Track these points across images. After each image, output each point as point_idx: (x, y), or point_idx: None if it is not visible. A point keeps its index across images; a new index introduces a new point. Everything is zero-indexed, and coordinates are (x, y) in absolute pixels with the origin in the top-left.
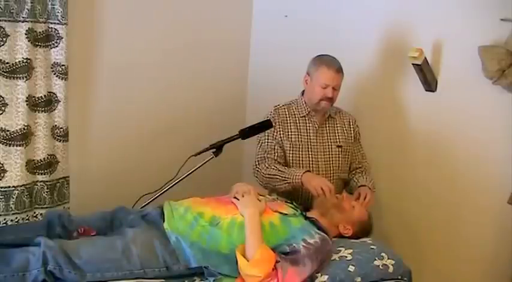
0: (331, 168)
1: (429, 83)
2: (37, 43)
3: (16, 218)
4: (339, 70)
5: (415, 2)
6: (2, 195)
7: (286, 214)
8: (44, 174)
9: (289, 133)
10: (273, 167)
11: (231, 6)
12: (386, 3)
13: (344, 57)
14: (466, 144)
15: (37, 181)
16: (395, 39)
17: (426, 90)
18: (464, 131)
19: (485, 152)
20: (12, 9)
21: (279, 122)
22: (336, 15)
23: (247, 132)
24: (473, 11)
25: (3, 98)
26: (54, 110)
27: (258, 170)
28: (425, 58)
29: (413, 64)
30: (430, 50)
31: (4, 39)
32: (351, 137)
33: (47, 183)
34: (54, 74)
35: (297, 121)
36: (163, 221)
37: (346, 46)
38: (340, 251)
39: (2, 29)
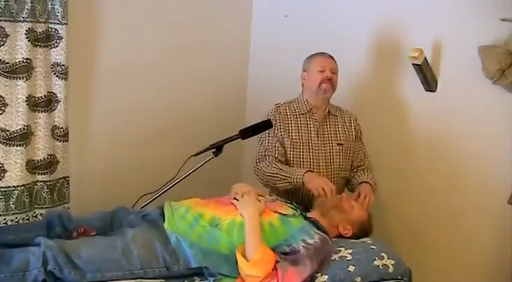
0: (332, 166)
1: (429, 83)
2: (37, 43)
3: (16, 218)
4: (332, 57)
5: (415, 2)
6: (2, 195)
7: (285, 214)
8: (44, 174)
9: (290, 131)
10: (273, 165)
11: (231, 6)
12: (386, 4)
13: (344, 57)
14: (466, 144)
15: (37, 181)
16: (395, 39)
17: (426, 90)
18: (464, 131)
19: (485, 152)
20: (12, 9)
21: (279, 119)
22: (335, 15)
23: (247, 132)
24: (473, 11)
25: (3, 98)
26: (54, 110)
27: (258, 168)
28: (425, 58)
29: (413, 64)
30: (430, 50)
31: (4, 39)
32: (352, 135)
33: (47, 183)
34: (54, 74)
35: (298, 119)
36: (164, 221)
37: (346, 46)
38: (340, 251)
39: (2, 29)
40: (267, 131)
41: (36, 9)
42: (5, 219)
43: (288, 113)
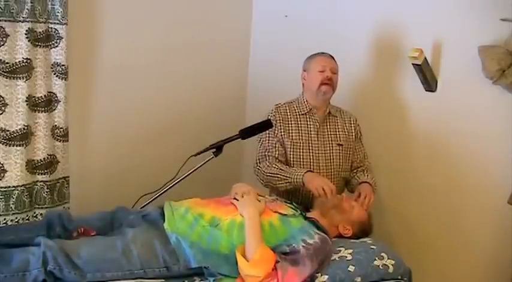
0: (332, 166)
1: (429, 83)
2: (37, 43)
3: (16, 218)
4: (332, 57)
5: (415, 2)
6: (2, 195)
7: (285, 215)
8: (44, 174)
9: (290, 131)
10: (274, 165)
11: (231, 6)
12: (387, 4)
13: (344, 57)
14: (466, 144)
15: (37, 181)
16: (395, 39)
17: (426, 90)
18: (464, 131)
19: (485, 152)
20: (12, 9)
21: (280, 120)
22: (335, 15)
23: (247, 132)
24: (473, 11)
25: (3, 98)
26: (54, 110)
27: (259, 169)
28: (425, 58)
29: (413, 64)
30: (430, 50)
31: (4, 39)
32: (352, 135)
33: (47, 183)
34: (54, 74)
35: (298, 119)
36: (164, 221)
37: (346, 46)
38: (340, 251)
39: (2, 29)
40: (267, 131)
41: (36, 9)
42: (5, 219)
43: (288, 113)
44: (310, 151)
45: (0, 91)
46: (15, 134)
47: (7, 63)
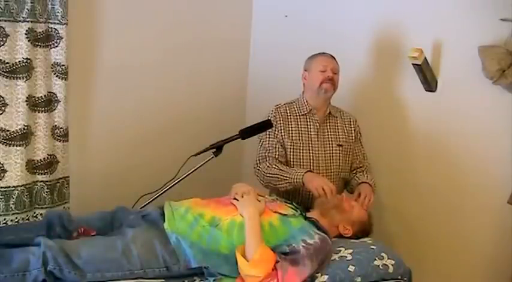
0: (331, 167)
1: (429, 83)
2: (37, 43)
3: (16, 218)
4: (333, 57)
5: (415, 2)
6: (2, 195)
7: (285, 215)
8: (44, 174)
9: (290, 131)
10: (274, 166)
11: (231, 5)
12: (387, 4)
13: (344, 57)
14: (466, 144)
15: (37, 181)
16: (395, 40)
17: (426, 90)
18: (464, 131)
19: (485, 152)
20: (12, 9)
21: (280, 120)
22: (335, 15)
23: (247, 132)
24: (473, 11)
25: (3, 98)
26: (54, 110)
27: (259, 169)
28: (425, 58)
29: (413, 64)
30: (430, 50)
31: (4, 39)
32: (352, 136)
33: (47, 183)
34: (54, 74)
35: (298, 119)
36: (164, 221)
37: (346, 46)
38: (340, 251)
39: (2, 29)
40: (267, 132)
41: (36, 9)
42: (5, 219)
43: (288, 114)
44: (310, 151)
45: (0, 91)
46: (15, 134)
47: (7, 63)
